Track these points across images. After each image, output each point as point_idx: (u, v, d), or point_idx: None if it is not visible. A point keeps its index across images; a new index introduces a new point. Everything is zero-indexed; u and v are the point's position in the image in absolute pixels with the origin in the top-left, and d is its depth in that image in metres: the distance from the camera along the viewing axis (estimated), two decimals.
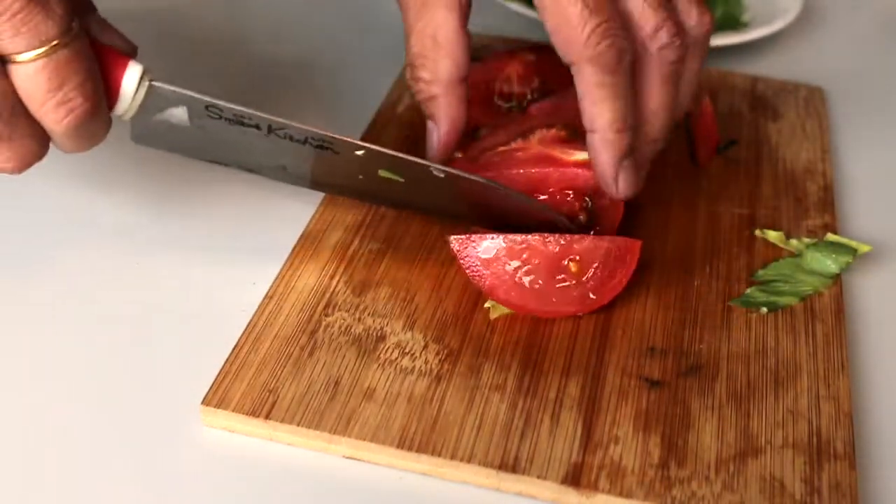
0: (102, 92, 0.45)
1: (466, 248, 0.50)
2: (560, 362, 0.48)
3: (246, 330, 0.48)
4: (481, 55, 0.65)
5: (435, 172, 0.51)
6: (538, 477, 0.42)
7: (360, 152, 0.50)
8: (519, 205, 0.52)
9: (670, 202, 0.59)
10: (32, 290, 0.51)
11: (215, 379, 0.45)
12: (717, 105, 0.68)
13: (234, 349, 0.47)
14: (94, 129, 0.46)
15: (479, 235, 0.50)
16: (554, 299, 0.49)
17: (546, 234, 0.49)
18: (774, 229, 0.57)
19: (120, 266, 0.53)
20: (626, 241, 0.50)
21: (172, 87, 0.47)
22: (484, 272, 0.49)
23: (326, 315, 0.49)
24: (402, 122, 0.64)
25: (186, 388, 0.45)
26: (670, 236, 0.56)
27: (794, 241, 0.56)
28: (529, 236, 0.49)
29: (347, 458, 0.44)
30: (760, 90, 0.71)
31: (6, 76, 0.42)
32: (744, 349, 0.49)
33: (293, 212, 0.56)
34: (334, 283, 0.51)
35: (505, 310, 0.50)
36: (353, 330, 0.49)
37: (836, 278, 0.54)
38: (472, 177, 0.51)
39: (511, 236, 0.49)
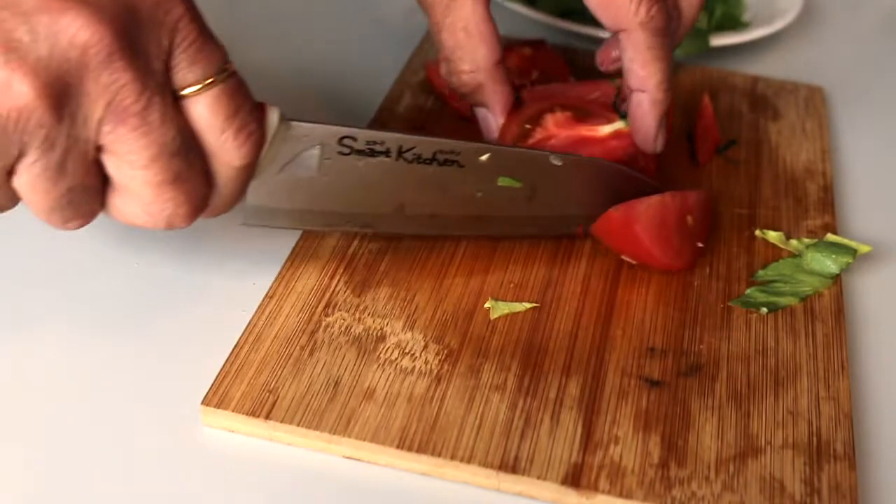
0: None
1: (620, 217, 0.51)
2: (560, 362, 0.48)
3: (246, 330, 0.48)
4: None
5: (553, 161, 0.51)
6: (538, 477, 0.42)
7: (484, 157, 0.50)
8: (629, 178, 0.54)
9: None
10: (31, 289, 0.51)
11: (215, 379, 0.45)
12: (717, 105, 0.68)
13: (234, 349, 0.47)
14: (252, 172, 0.45)
15: (628, 203, 0.52)
16: (683, 253, 0.53)
17: (669, 193, 0.52)
18: (774, 229, 0.57)
19: (119, 266, 0.53)
20: (704, 192, 0.55)
21: (308, 123, 0.46)
22: (641, 235, 0.52)
23: (326, 315, 0.49)
24: (401, 121, 0.64)
25: (186, 388, 0.45)
26: None
27: (794, 242, 0.56)
28: (660, 196, 0.52)
29: (347, 458, 0.44)
30: (760, 90, 0.71)
31: (180, 112, 0.41)
32: (744, 349, 0.49)
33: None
34: (334, 283, 0.51)
35: (505, 310, 0.50)
36: (353, 330, 0.49)
37: (836, 278, 0.54)
38: (598, 160, 0.53)
39: (651, 197, 0.52)
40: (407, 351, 0.48)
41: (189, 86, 0.41)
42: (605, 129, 0.56)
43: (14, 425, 0.44)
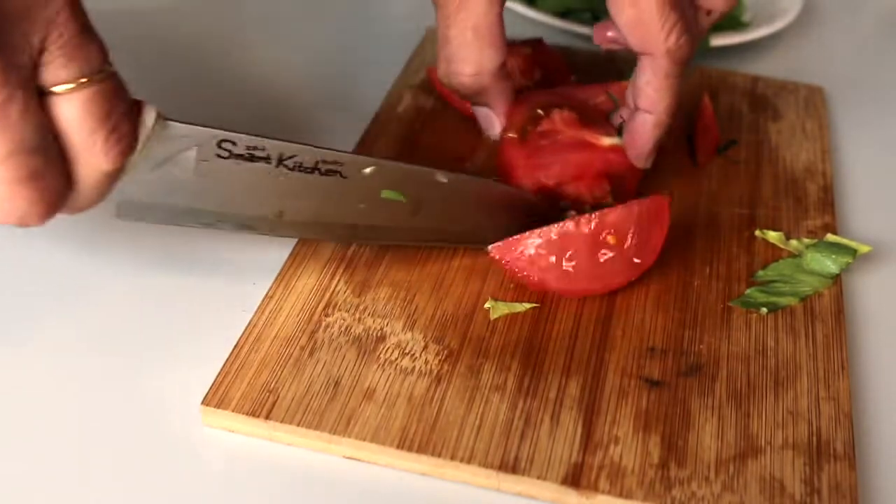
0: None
1: (507, 252, 0.50)
2: (560, 362, 0.48)
3: (246, 330, 0.48)
4: None
5: (439, 178, 0.51)
6: (538, 477, 0.42)
7: (367, 170, 0.49)
8: (515, 199, 0.53)
9: (670, 202, 0.59)
10: (29, 289, 0.51)
11: (215, 379, 0.45)
12: (717, 105, 0.68)
13: (234, 349, 0.47)
14: (117, 176, 0.43)
15: (515, 238, 0.50)
16: (602, 275, 0.51)
17: (578, 217, 0.50)
18: (774, 229, 0.57)
19: (119, 266, 0.53)
20: (651, 200, 0.51)
21: (186, 124, 0.45)
22: (530, 270, 0.50)
23: (326, 315, 0.49)
24: (401, 121, 0.64)
25: (186, 388, 0.45)
26: (670, 236, 0.56)
27: (794, 242, 0.56)
28: (562, 224, 0.50)
29: (347, 458, 0.44)
30: (760, 90, 0.71)
31: (44, 109, 0.39)
32: (744, 349, 0.49)
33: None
34: (334, 283, 0.51)
35: (505, 310, 0.50)
36: (353, 330, 0.49)
37: (836, 278, 0.54)
38: (481, 179, 0.52)
39: (545, 229, 0.50)
40: (407, 351, 0.48)
41: (61, 83, 0.39)
42: (606, 141, 0.56)
43: (14, 425, 0.44)
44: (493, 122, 0.56)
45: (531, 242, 0.50)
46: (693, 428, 0.45)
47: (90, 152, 0.40)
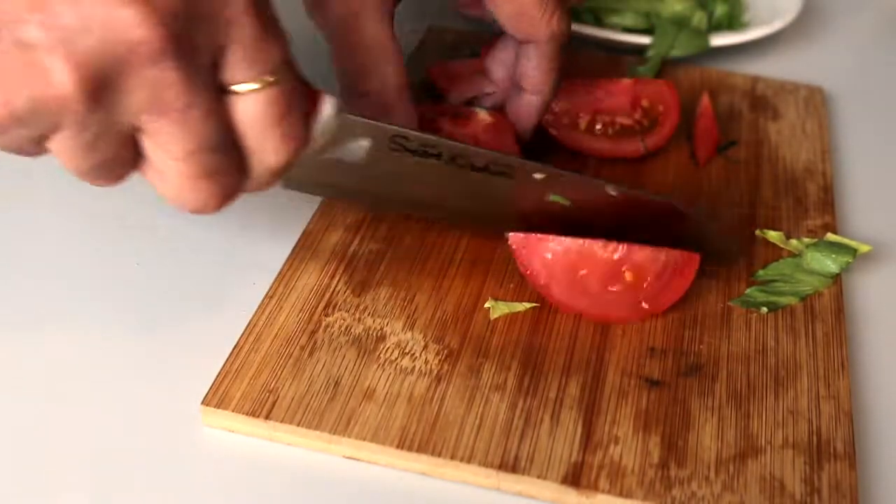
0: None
1: (527, 246, 0.50)
2: (560, 362, 0.48)
3: (246, 330, 0.48)
4: (476, 50, 0.65)
5: (609, 191, 0.51)
6: (538, 477, 0.42)
7: (538, 175, 0.50)
8: (685, 222, 0.53)
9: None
10: (30, 291, 0.51)
11: (215, 379, 0.45)
12: (717, 105, 0.68)
13: (234, 349, 0.47)
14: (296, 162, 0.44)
15: (537, 236, 0.50)
16: (606, 304, 0.50)
17: (607, 242, 0.49)
18: (774, 229, 0.57)
19: (119, 266, 0.53)
20: (683, 254, 0.50)
21: (363, 119, 0.46)
22: (540, 271, 0.50)
23: (326, 315, 0.49)
24: None
25: (186, 388, 0.45)
26: None
27: (794, 241, 0.56)
28: (591, 241, 0.49)
29: (347, 458, 0.44)
30: (760, 90, 0.71)
31: (224, 107, 0.39)
32: (744, 349, 0.49)
33: (293, 211, 0.56)
34: (334, 283, 0.51)
35: (505, 310, 0.50)
36: (353, 330, 0.49)
37: (836, 278, 0.54)
38: (649, 195, 0.53)
39: (573, 239, 0.50)
40: (407, 351, 0.48)
41: (240, 83, 0.39)
42: (482, 116, 0.59)
43: (14, 426, 0.44)
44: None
45: (552, 246, 0.50)
46: (693, 428, 0.45)
47: (264, 151, 0.41)
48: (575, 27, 0.74)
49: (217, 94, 0.39)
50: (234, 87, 0.39)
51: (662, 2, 0.76)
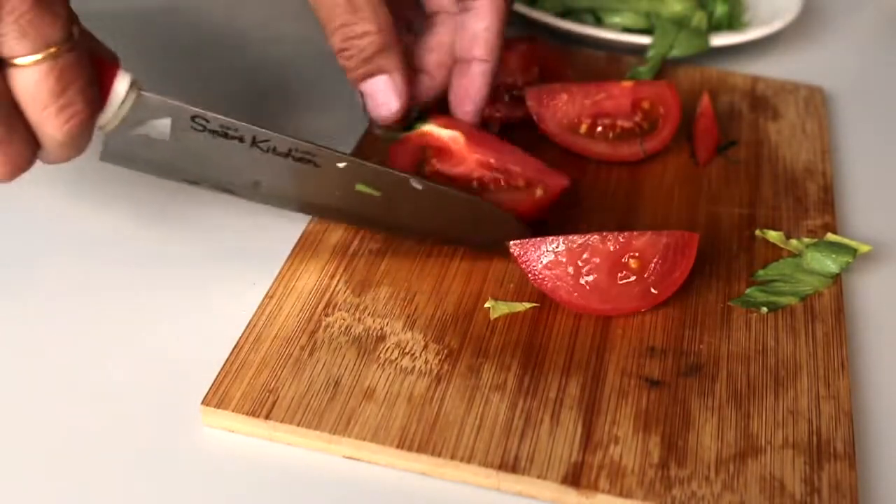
0: (98, 98, 0.44)
1: (527, 252, 0.50)
2: (560, 362, 0.48)
3: (246, 330, 0.48)
4: None
5: (414, 184, 0.51)
6: (538, 477, 0.42)
7: (341, 164, 0.50)
8: (492, 216, 0.52)
9: (670, 202, 0.59)
10: (30, 290, 0.51)
11: (215, 379, 0.45)
12: (717, 105, 0.68)
13: (234, 349, 0.47)
14: (86, 137, 0.45)
15: (539, 239, 0.50)
16: (616, 297, 0.50)
17: (606, 233, 0.50)
18: (774, 229, 0.57)
19: (120, 266, 0.53)
20: (682, 234, 0.51)
21: (160, 97, 0.46)
22: (545, 274, 0.50)
23: (326, 315, 0.49)
24: None
25: (186, 388, 0.45)
26: None
27: (794, 241, 0.56)
28: (588, 236, 0.50)
29: (347, 458, 0.44)
30: (760, 90, 0.71)
31: (4, 80, 0.41)
32: (744, 349, 0.49)
33: (293, 212, 0.56)
34: (334, 283, 0.51)
35: (505, 310, 0.50)
36: (353, 330, 0.49)
37: (836, 278, 0.54)
38: (452, 191, 0.52)
39: (571, 237, 0.50)
40: (407, 351, 0.48)
41: (18, 56, 0.40)
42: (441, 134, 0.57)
43: (14, 426, 0.44)
44: (388, 92, 0.54)
45: (553, 247, 0.50)
46: (693, 427, 0.45)
47: (44, 123, 0.42)
48: (575, 27, 0.74)
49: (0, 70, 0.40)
50: (14, 60, 0.40)
51: (662, 2, 0.76)
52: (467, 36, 0.55)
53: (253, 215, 0.56)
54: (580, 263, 0.50)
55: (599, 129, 0.62)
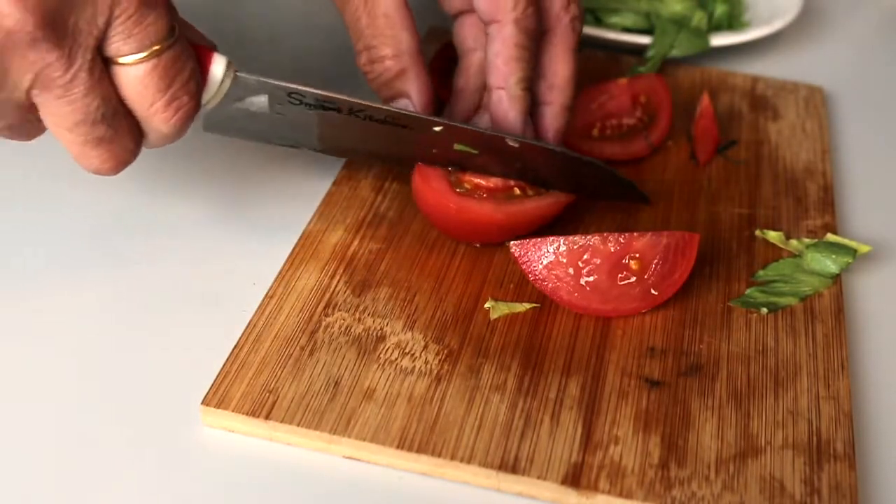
0: (201, 87, 0.46)
1: (527, 252, 0.50)
2: (560, 362, 0.48)
3: (246, 330, 0.48)
4: None
5: (510, 143, 0.52)
6: (538, 477, 0.42)
7: (437, 129, 0.52)
8: (592, 170, 0.55)
9: (670, 202, 0.59)
10: (31, 291, 0.51)
11: (215, 379, 0.45)
12: (717, 105, 0.68)
13: (234, 349, 0.47)
14: (189, 124, 0.46)
15: (539, 239, 0.50)
16: (616, 298, 0.50)
17: (606, 234, 0.50)
18: (774, 229, 0.57)
19: (120, 266, 0.53)
20: (683, 234, 0.51)
21: (256, 77, 0.48)
22: (546, 275, 0.50)
23: (326, 315, 0.49)
24: None
25: (186, 388, 0.45)
26: None
27: (794, 242, 0.56)
28: (589, 237, 0.50)
29: (347, 458, 0.44)
30: (760, 90, 0.71)
31: (109, 78, 0.42)
32: (744, 349, 0.49)
33: (293, 212, 0.56)
34: (334, 283, 0.51)
35: (505, 310, 0.50)
36: (353, 330, 0.48)
37: (836, 278, 0.54)
38: (545, 144, 0.54)
39: (571, 238, 0.50)
40: (407, 351, 0.48)
41: (124, 55, 0.42)
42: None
43: (13, 426, 0.44)
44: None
45: (553, 247, 0.50)
46: (693, 428, 0.45)
47: (151, 119, 0.44)
48: None
49: (101, 68, 0.42)
50: (120, 59, 0.42)
51: (662, 2, 0.76)
52: (487, 60, 0.55)
53: (253, 216, 0.56)
54: (580, 264, 0.50)
55: (608, 130, 0.63)
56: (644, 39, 0.73)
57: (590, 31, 0.74)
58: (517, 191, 0.54)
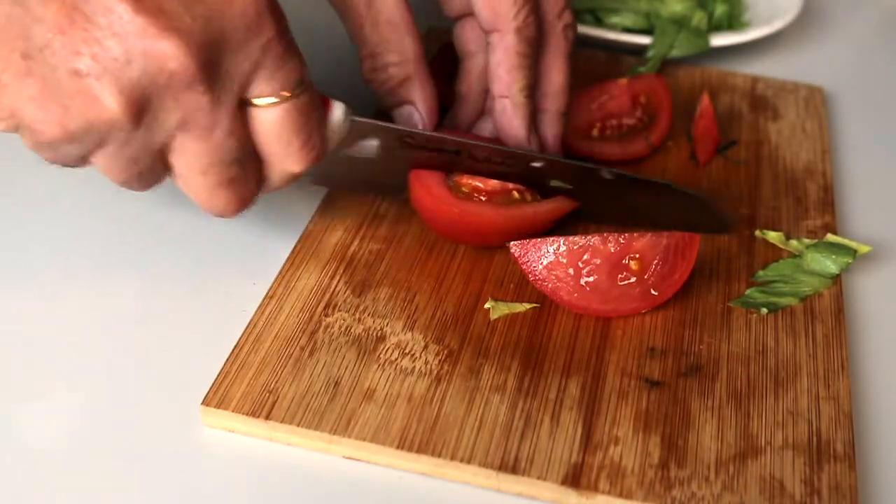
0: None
1: (527, 253, 0.50)
2: (560, 363, 0.48)
3: (246, 330, 0.48)
4: None
5: (604, 175, 0.53)
6: (538, 478, 0.42)
7: (536, 164, 0.53)
8: (685, 200, 0.55)
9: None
10: (31, 292, 0.51)
11: (215, 379, 0.45)
12: (717, 105, 0.68)
13: (234, 349, 0.47)
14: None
15: (539, 240, 0.50)
16: (616, 298, 0.50)
17: (606, 234, 0.50)
18: (774, 229, 0.57)
19: (120, 266, 0.53)
20: (683, 235, 0.51)
21: (371, 120, 0.50)
22: (546, 275, 0.50)
23: (326, 315, 0.49)
24: None
25: (186, 388, 0.45)
26: None
27: (794, 242, 0.56)
28: (589, 237, 0.50)
29: (347, 458, 0.44)
30: (760, 90, 0.71)
31: (245, 121, 0.43)
32: (744, 349, 0.49)
33: (293, 212, 0.56)
34: (334, 283, 0.51)
35: (505, 310, 0.50)
36: (353, 330, 0.49)
37: (836, 279, 0.54)
38: (641, 178, 0.55)
39: (571, 238, 0.50)
40: (407, 351, 0.48)
41: (262, 97, 0.43)
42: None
43: (14, 426, 0.44)
44: (418, 121, 0.56)
45: (553, 248, 0.50)
46: (693, 428, 0.45)
47: (284, 160, 0.45)
48: None
49: (240, 111, 0.43)
50: (256, 101, 0.43)
51: (662, 2, 0.76)
52: (489, 69, 0.55)
53: (253, 216, 0.56)
54: (581, 265, 0.50)
55: (608, 130, 0.63)
56: (644, 39, 0.73)
57: (590, 31, 0.74)
58: (516, 194, 0.54)
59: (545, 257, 0.50)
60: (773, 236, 0.57)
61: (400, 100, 0.55)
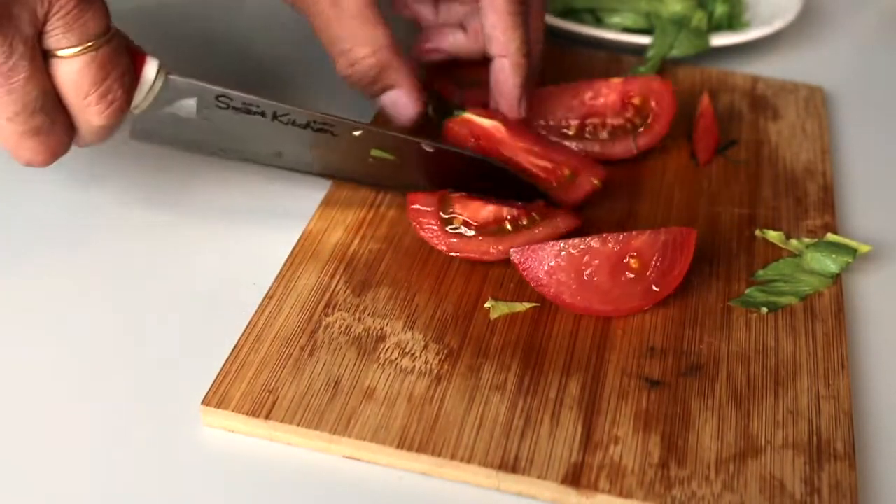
0: (134, 85, 0.47)
1: (528, 259, 0.50)
2: (560, 362, 0.48)
3: (246, 330, 0.48)
4: None
5: (425, 148, 0.54)
6: (538, 477, 0.42)
7: (357, 133, 0.53)
8: (502, 174, 0.55)
9: (670, 202, 0.59)
10: (29, 292, 0.51)
11: (215, 379, 0.45)
12: (717, 105, 0.68)
13: (234, 349, 0.47)
14: (120, 121, 0.48)
15: (538, 245, 0.50)
16: (618, 297, 0.50)
17: (605, 235, 0.50)
18: (774, 229, 0.57)
19: (120, 266, 0.53)
20: (680, 230, 0.51)
21: (186, 79, 0.49)
22: (548, 280, 0.50)
23: (326, 315, 0.49)
24: None
25: (186, 388, 0.45)
26: None
27: (794, 241, 0.56)
28: (588, 239, 0.50)
29: (347, 458, 0.44)
30: (760, 90, 0.71)
31: (48, 70, 0.44)
32: (744, 349, 0.49)
33: (293, 212, 0.56)
34: (334, 283, 0.51)
35: (505, 310, 0.50)
36: (353, 330, 0.49)
37: (836, 278, 0.54)
38: (460, 150, 0.55)
39: (571, 241, 0.50)
40: (407, 351, 0.48)
41: (62, 49, 0.44)
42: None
43: (13, 426, 0.44)
44: (405, 102, 0.56)
45: (553, 252, 0.50)
46: (693, 428, 0.45)
47: (85, 110, 0.46)
48: (575, 27, 0.74)
49: (41, 59, 0.44)
50: (58, 53, 0.44)
51: (662, 2, 0.76)
52: (484, 32, 0.56)
53: (253, 216, 0.56)
54: (582, 267, 0.50)
55: (589, 128, 0.62)
56: (644, 39, 0.73)
57: (590, 31, 0.74)
58: (509, 226, 0.53)
59: (546, 263, 0.50)
60: (773, 236, 0.57)
61: (382, 87, 0.55)
